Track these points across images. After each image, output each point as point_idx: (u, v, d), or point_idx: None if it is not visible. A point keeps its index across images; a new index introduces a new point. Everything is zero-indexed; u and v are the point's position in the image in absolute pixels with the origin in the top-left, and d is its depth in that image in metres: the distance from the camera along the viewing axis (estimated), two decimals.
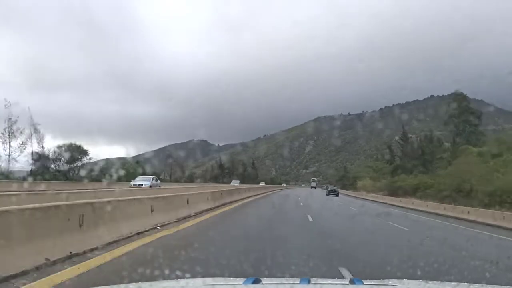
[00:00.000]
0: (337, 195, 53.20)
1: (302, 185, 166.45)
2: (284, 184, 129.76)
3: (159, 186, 27.98)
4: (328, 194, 53.60)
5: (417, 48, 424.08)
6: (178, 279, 2.26)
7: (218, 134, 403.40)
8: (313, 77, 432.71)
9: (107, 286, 1.85)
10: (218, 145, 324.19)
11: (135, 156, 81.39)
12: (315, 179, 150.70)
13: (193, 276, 3.15)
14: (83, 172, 43.62)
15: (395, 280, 2.03)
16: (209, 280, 1.89)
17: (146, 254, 6.41)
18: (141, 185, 26.25)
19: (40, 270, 4.86)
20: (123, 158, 63.79)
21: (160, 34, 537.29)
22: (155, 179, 30.06)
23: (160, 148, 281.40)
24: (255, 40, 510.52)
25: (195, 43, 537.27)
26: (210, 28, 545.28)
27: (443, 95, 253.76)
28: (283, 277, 2.59)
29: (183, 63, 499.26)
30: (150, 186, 26.19)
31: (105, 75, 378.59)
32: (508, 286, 2.21)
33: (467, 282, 2.18)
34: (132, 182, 27.61)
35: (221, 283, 1.88)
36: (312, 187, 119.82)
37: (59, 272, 4.90)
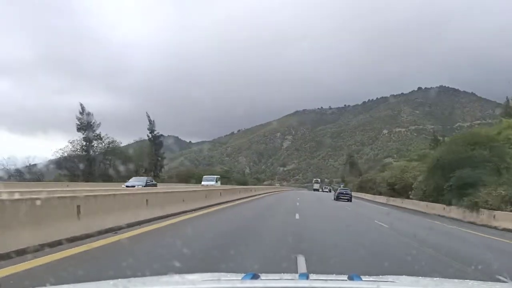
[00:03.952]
0: (349, 200, 41.78)
1: (278, 183, 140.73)
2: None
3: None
4: (337, 199, 42.35)
5: (404, 40, 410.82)
6: (175, 274, 2.05)
7: (191, 130, 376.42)
8: (291, 69, 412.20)
9: (96, 282, 1.82)
10: (190, 141, 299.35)
11: None
12: (318, 179, 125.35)
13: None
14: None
15: (394, 277, 2.00)
16: (207, 276, 1.89)
17: None
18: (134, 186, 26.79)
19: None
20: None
21: (110, 13, 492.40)
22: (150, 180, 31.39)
23: (125, 145, 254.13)
24: (224, 27, 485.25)
25: (153, 23, 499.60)
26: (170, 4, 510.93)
27: (431, 87, 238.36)
28: (282, 273, 2.20)
29: (140, 48, 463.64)
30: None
31: (45, 60, 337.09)
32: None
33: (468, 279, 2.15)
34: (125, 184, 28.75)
35: (219, 278, 1.83)
36: (314, 189, 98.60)
37: None
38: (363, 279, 1.74)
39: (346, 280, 1.75)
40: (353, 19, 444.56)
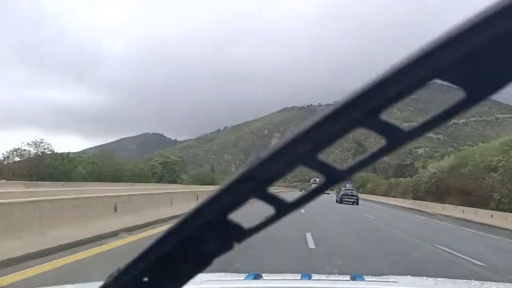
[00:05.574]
0: (355, 203, 35.24)
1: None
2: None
3: None
4: (341, 202, 35.62)
5: (395, 35, 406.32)
6: None
7: (177, 127, 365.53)
8: (279, 65, 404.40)
9: (95, 282, 1.77)
10: (176, 139, 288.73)
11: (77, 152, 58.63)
12: (316, 179, 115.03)
13: None
14: None
15: (396, 277, 2.02)
16: (208, 276, 1.84)
17: None
18: None
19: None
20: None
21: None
22: None
23: (105, 144, 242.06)
24: (211, 21, 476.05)
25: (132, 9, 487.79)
26: None
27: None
28: (284, 273, 2.25)
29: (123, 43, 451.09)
30: None
31: (10, 50, 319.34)
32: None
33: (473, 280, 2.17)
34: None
35: (222, 278, 1.86)
36: None
37: None
38: (365, 279, 1.74)
39: (348, 280, 1.74)
40: (344, 14, 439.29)
